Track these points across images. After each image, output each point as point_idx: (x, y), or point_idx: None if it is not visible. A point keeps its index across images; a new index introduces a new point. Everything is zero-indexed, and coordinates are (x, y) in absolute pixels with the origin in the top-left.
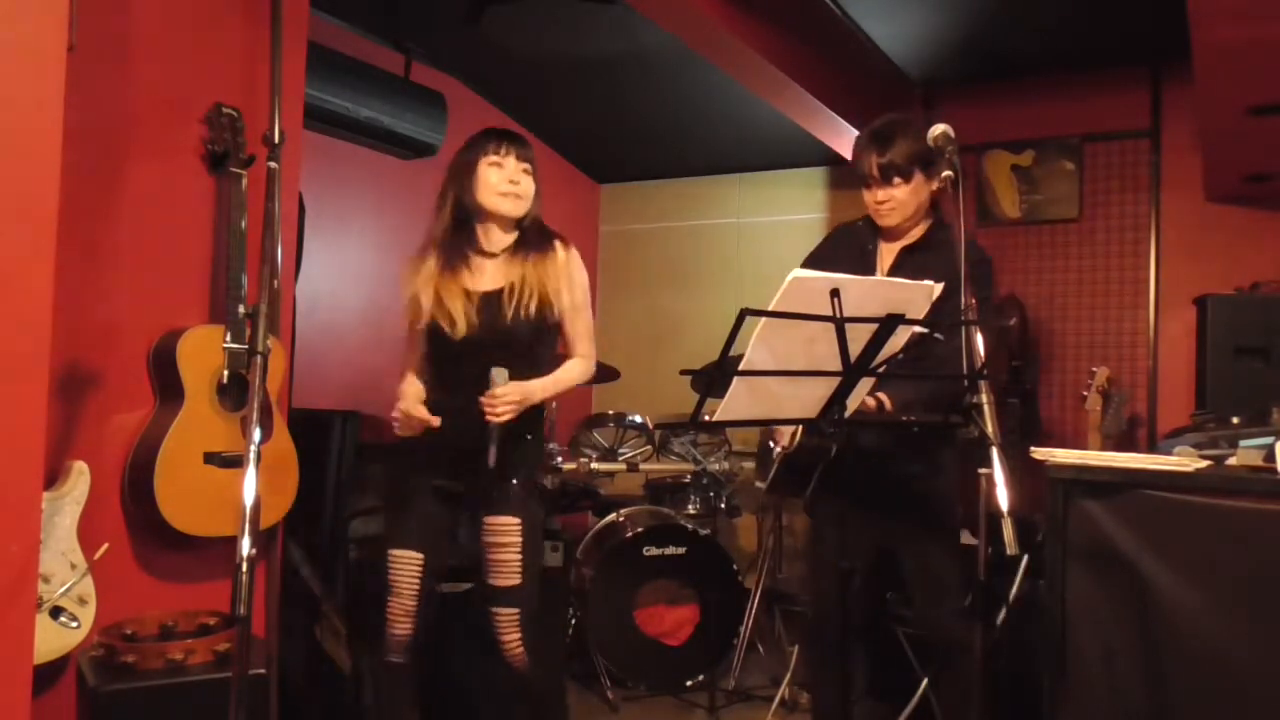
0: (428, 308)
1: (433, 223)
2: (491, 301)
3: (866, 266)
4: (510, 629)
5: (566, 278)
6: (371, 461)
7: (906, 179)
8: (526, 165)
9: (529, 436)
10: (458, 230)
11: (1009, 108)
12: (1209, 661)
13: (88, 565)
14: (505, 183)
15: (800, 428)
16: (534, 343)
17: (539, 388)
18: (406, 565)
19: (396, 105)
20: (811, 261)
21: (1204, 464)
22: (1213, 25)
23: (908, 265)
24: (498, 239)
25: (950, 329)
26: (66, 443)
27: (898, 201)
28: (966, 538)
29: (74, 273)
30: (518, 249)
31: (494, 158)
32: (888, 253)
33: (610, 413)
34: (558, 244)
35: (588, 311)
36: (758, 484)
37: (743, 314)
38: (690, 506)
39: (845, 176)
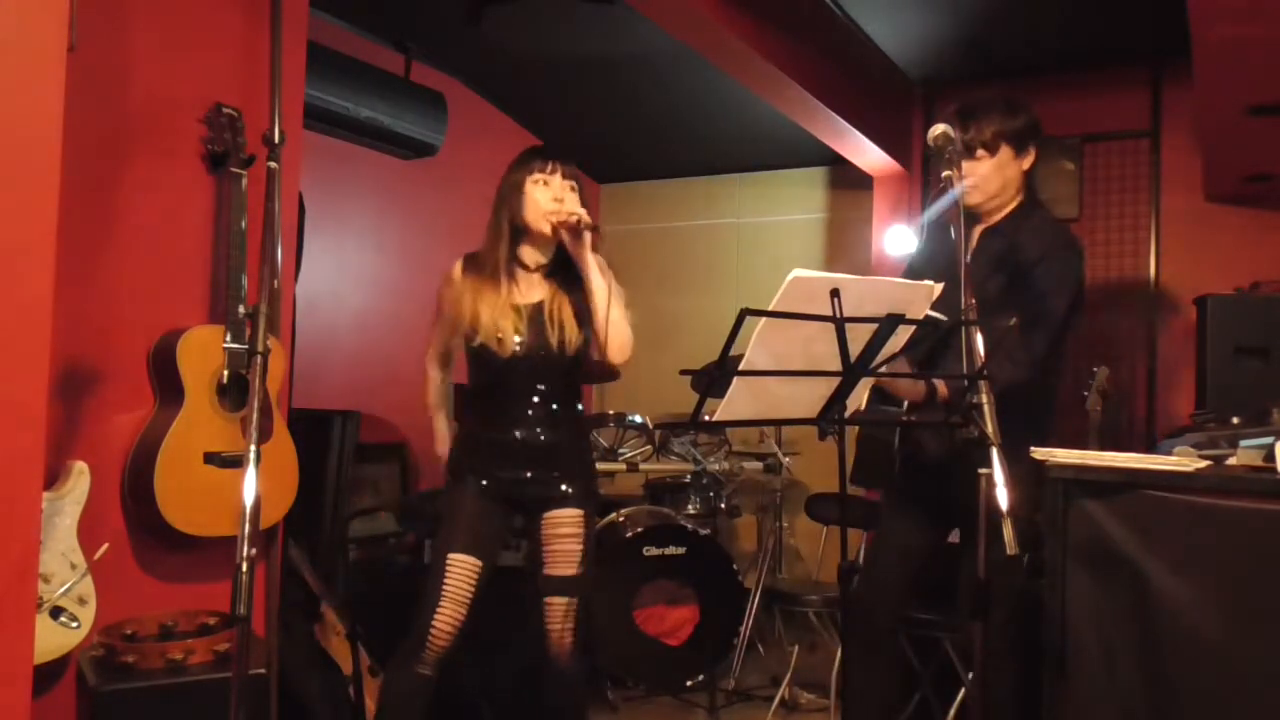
0: (481, 323)
1: (486, 242)
2: (536, 315)
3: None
4: (566, 619)
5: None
6: (372, 462)
7: (991, 152)
8: (572, 183)
9: (580, 444)
10: (507, 249)
11: None
12: (1209, 661)
13: (88, 565)
14: (550, 201)
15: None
16: (574, 362)
17: (602, 274)
18: (464, 570)
19: (396, 105)
20: (910, 263)
21: (1204, 464)
22: (1213, 25)
23: (984, 249)
24: (538, 255)
25: (952, 328)
26: (66, 443)
27: (980, 177)
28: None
29: (74, 273)
30: (556, 267)
31: (540, 175)
32: (975, 235)
33: (610, 413)
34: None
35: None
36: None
37: (743, 314)
38: (690, 506)
39: (845, 176)
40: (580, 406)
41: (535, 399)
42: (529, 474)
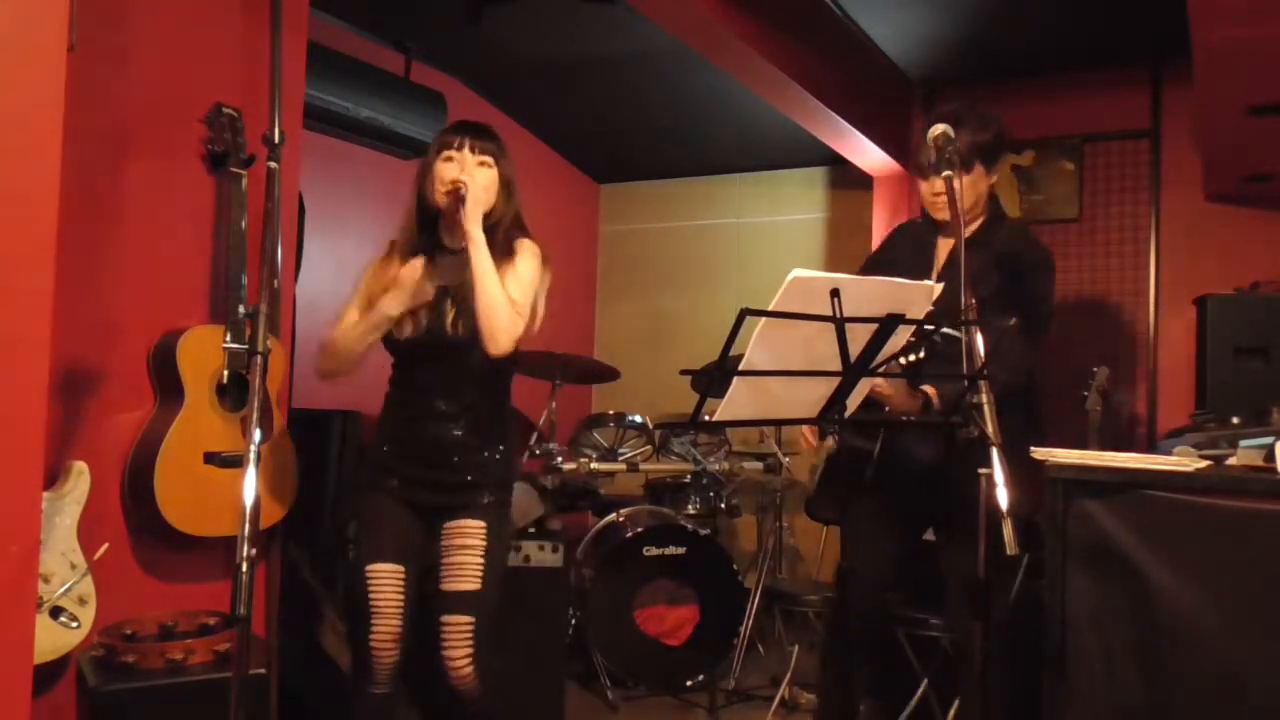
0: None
1: (400, 224)
2: (440, 299)
3: (924, 263)
4: (459, 642)
5: (512, 274)
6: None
7: (967, 169)
8: (484, 158)
9: (496, 449)
10: (421, 232)
11: (1009, 108)
12: (1209, 661)
13: (88, 565)
14: (455, 174)
15: (832, 434)
16: (479, 348)
17: (485, 251)
18: (388, 580)
19: (396, 105)
20: (871, 263)
21: (1204, 464)
22: (1213, 25)
23: (955, 264)
24: (459, 237)
25: (952, 328)
26: (66, 443)
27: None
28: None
29: (74, 273)
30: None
31: (449, 152)
32: (943, 248)
33: (610, 413)
34: (515, 245)
35: (528, 287)
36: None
37: (743, 314)
38: (690, 506)
39: (845, 176)
40: (505, 407)
41: (443, 391)
42: (432, 475)
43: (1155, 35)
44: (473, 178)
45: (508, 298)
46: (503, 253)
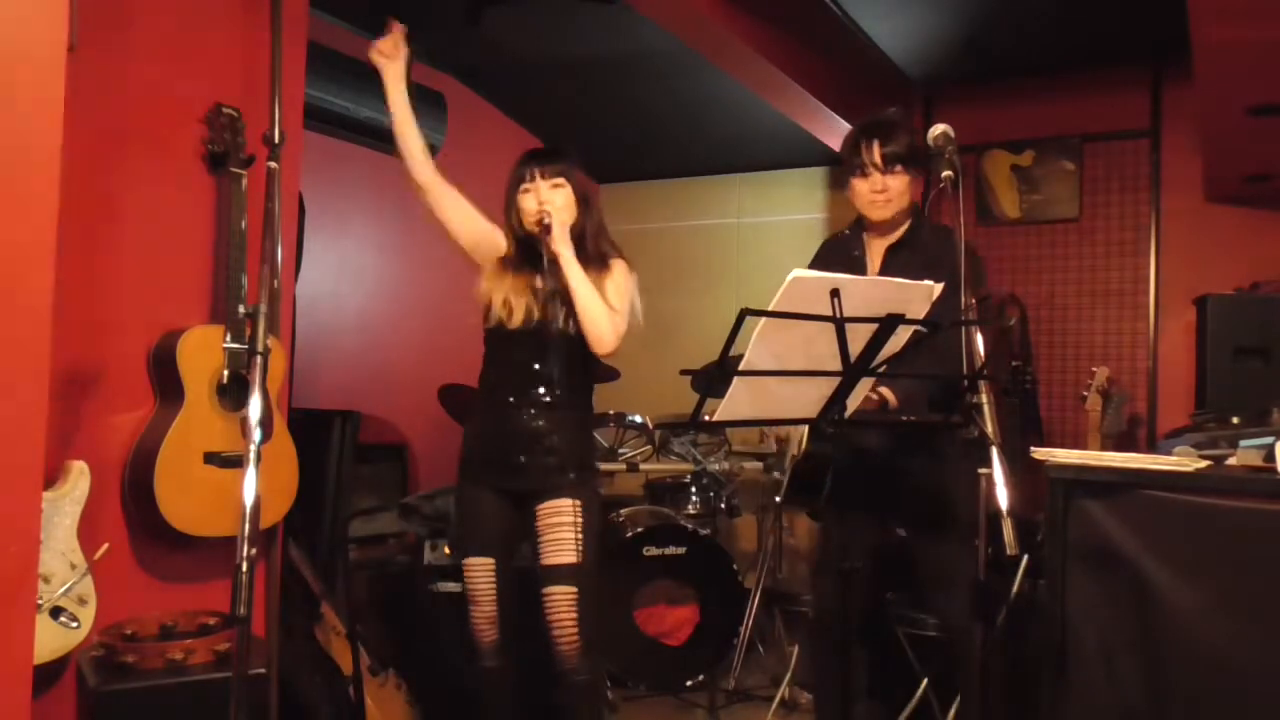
0: (495, 306)
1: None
2: (550, 297)
3: (858, 271)
4: (562, 611)
5: (610, 284)
6: (372, 462)
7: (906, 169)
8: (556, 180)
9: (581, 435)
10: (521, 248)
11: (1009, 108)
12: (1209, 661)
13: (88, 565)
14: (536, 205)
15: (806, 436)
16: (583, 350)
17: (577, 268)
18: (480, 572)
19: None
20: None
21: (1204, 464)
22: (1213, 25)
23: (894, 263)
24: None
25: (949, 328)
26: (66, 443)
27: (894, 192)
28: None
29: (74, 273)
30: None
31: (525, 185)
32: (875, 253)
33: (610, 413)
34: (613, 263)
35: (622, 305)
36: (776, 475)
37: (743, 314)
38: (690, 506)
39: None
40: (588, 399)
41: (543, 381)
42: (524, 459)
43: (1155, 35)
44: (553, 203)
45: (606, 304)
46: (597, 262)
